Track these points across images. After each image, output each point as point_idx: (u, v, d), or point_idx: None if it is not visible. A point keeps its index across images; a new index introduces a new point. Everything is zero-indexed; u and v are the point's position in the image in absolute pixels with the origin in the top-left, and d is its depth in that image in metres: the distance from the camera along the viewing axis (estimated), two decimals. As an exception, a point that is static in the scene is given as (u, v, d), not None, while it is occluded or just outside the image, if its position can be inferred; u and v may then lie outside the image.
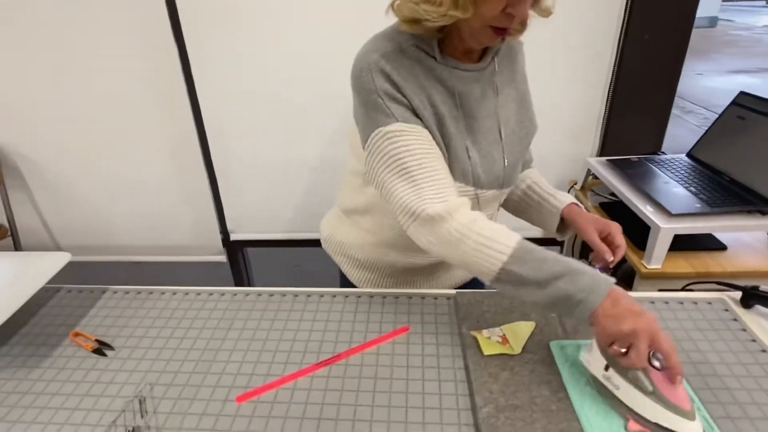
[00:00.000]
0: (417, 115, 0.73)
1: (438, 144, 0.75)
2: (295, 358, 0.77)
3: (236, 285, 1.98)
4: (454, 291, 0.90)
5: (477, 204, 0.83)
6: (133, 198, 1.77)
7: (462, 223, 0.69)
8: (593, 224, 0.82)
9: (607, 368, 0.64)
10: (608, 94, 1.49)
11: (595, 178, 1.44)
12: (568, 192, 1.57)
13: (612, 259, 0.79)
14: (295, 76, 1.51)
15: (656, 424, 0.60)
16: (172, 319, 0.87)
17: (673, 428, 0.59)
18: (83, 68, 1.55)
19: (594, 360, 0.66)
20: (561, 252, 1.74)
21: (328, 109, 1.53)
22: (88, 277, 2.07)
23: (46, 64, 1.55)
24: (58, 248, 1.92)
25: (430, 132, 0.74)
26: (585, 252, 1.67)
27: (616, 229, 0.81)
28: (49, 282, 0.89)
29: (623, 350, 0.60)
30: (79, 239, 1.89)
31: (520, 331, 0.78)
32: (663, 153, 1.44)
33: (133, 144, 1.67)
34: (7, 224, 1.78)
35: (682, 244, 1.12)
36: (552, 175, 1.62)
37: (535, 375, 0.71)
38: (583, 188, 1.51)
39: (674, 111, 5.97)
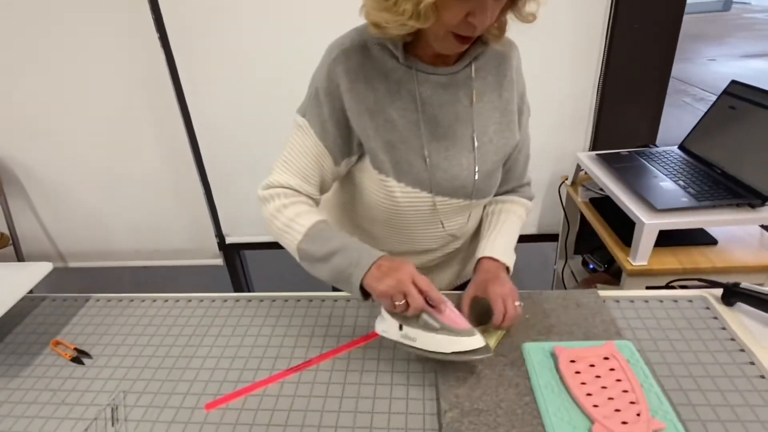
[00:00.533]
0: (339, 121, 0.75)
1: (346, 152, 0.78)
2: (267, 364, 0.77)
3: (234, 287, 2.00)
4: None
5: (435, 212, 0.82)
6: (129, 204, 1.80)
7: (274, 206, 0.77)
8: (476, 285, 0.80)
9: (401, 327, 0.70)
10: (598, 87, 1.47)
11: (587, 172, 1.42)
12: (559, 187, 1.55)
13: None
14: (284, 79, 1.51)
15: (453, 353, 0.67)
16: (150, 326, 0.88)
17: (464, 349, 0.67)
18: (78, 79, 1.57)
19: (389, 326, 0.71)
20: (557, 246, 1.72)
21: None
22: (93, 281, 2.11)
23: (42, 75, 1.58)
24: (58, 255, 1.96)
25: (340, 139, 0.77)
26: (579, 247, 1.64)
27: (493, 294, 0.75)
28: (38, 290, 0.91)
29: (403, 301, 0.66)
30: (79, 245, 1.93)
31: (494, 333, 0.77)
32: (655, 146, 1.41)
33: (127, 151, 1.69)
34: (8, 232, 1.82)
35: (671, 239, 1.10)
36: (544, 170, 1.60)
37: (503, 378, 0.70)
38: (574, 183, 1.49)
39: (685, 99, 5.85)
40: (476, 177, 0.80)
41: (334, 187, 0.92)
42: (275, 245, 1.98)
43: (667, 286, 0.98)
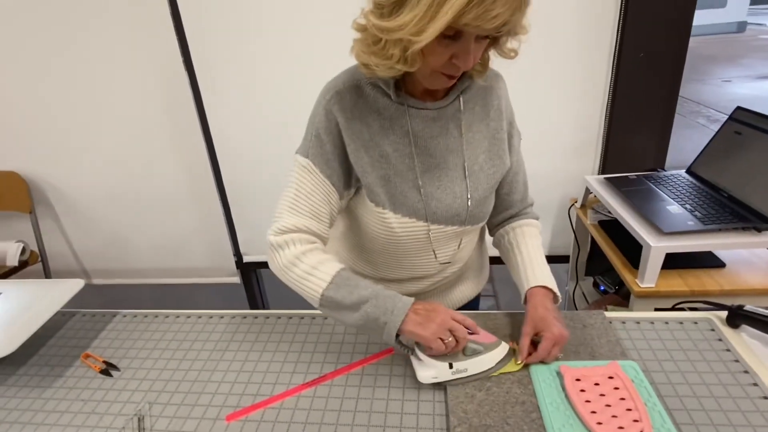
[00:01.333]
0: (341, 158, 0.80)
1: (347, 186, 0.82)
2: (284, 378, 0.81)
3: (250, 305, 2.05)
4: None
5: (429, 240, 0.85)
6: (152, 224, 1.88)
7: (292, 254, 0.78)
8: (534, 321, 0.79)
9: (451, 366, 0.74)
10: (606, 112, 1.50)
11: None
12: (569, 209, 1.58)
13: (519, 361, 0.77)
14: (303, 103, 1.58)
15: (497, 366, 0.76)
16: (174, 341, 0.93)
17: (500, 358, 0.77)
18: (105, 105, 1.67)
19: (437, 371, 0.74)
20: (568, 267, 1.74)
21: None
22: (115, 298, 2.18)
23: (71, 102, 1.68)
24: (83, 272, 2.04)
25: (343, 176, 0.81)
26: (590, 269, 1.66)
27: (548, 336, 0.76)
28: (68, 306, 0.97)
29: (451, 338, 0.71)
30: (103, 263, 2.01)
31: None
32: (663, 170, 1.43)
33: (150, 173, 1.77)
34: (37, 250, 1.90)
35: (678, 261, 1.12)
36: (553, 192, 1.63)
37: (511, 395, 0.73)
38: (583, 206, 1.52)
39: (699, 120, 5.83)
40: (469, 204, 0.83)
41: None
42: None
43: (675, 308, 1.00)
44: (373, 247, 0.89)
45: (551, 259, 1.75)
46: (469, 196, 0.83)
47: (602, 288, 1.52)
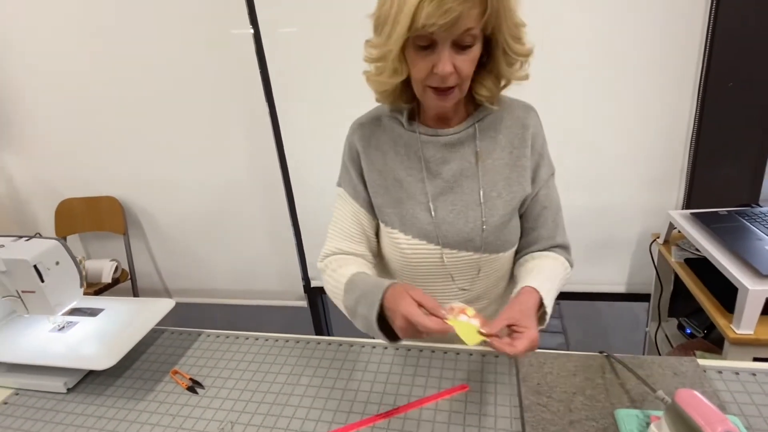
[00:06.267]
0: (364, 182, 0.88)
1: (374, 209, 0.89)
2: (358, 407, 0.82)
3: (315, 328, 2.09)
4: (515, 350, 0.90)
5: (443, 265, 0.86)
6: (229, 249, 2.00)
7: (329, 274, 0.86)
8: (520, 311, 0.71)
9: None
10: (691, 144, 1.43)
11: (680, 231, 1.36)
12: (651, 245, 1.50)
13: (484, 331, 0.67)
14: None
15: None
16: (253, 363, 0.97)
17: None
18: (190, 137, 1.83)
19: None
20: (648, 307, 1.63)
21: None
22: (191, 316, 2.32)
23: (162, 137, 1.85)
24: (165, 290, 2.19)
25: (370, 198, 0.89)
26: (674, 310, 1.55)
27: (528, 335, 0.66)
28: (156, 324, 1.04)
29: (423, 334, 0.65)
30: (183, 283, 2.15)
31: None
32: (758, 205, 1.33)
33: (229, 199, 1.90)
34: (128, 269, 2.07)
35: (781, 307, 1.02)
36: (632, 227, 1.55)
37: (595, 444, 0.69)
38: (666, 242, 1.43)
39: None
40: (484, 229, 0.84)
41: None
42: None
43: (778, 360, 0.91)
44: (393, 273, 0.94)
45: (629, 297, 1.68)
46: (484, 221, 0.83)
47: (688, 331, 1.41)
